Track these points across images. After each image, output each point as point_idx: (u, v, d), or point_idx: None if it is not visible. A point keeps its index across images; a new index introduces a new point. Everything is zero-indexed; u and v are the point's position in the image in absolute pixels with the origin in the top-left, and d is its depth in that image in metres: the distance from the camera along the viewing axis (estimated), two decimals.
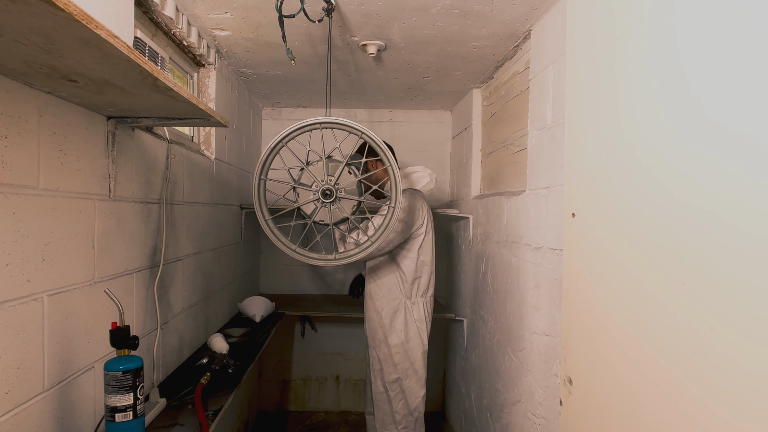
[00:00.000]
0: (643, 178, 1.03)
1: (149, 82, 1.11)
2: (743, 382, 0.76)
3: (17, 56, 0.95)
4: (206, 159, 2.44)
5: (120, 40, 0.90)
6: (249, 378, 3.37)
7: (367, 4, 1.85)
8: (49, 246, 1.23)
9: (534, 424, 1.91)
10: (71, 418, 1.34)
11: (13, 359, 1.11)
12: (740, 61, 0.78)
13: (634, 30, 1.08)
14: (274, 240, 1.95)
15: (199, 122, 1.57)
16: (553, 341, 1.76)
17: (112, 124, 1.48)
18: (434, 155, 3.85)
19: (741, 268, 0.77)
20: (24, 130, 1.12)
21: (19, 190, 1.11)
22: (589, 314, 1.25)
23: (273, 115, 3.80)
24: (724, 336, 0.80)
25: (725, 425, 0.80)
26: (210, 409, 1.68)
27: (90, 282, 1.41)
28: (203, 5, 1.90)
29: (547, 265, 1.83)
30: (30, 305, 1.16)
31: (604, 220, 1.19)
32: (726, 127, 0.80)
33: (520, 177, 2.24)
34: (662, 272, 0.95)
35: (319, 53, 2.42)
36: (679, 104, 0.92)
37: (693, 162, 0.88)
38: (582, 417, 1.29)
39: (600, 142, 1.22)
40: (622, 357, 1.09)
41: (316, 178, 1.92)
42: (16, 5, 0.71)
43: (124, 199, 1.59)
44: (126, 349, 1.31)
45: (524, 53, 2.22)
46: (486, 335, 2.66)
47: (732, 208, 0.78)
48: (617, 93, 1.14)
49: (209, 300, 2.54)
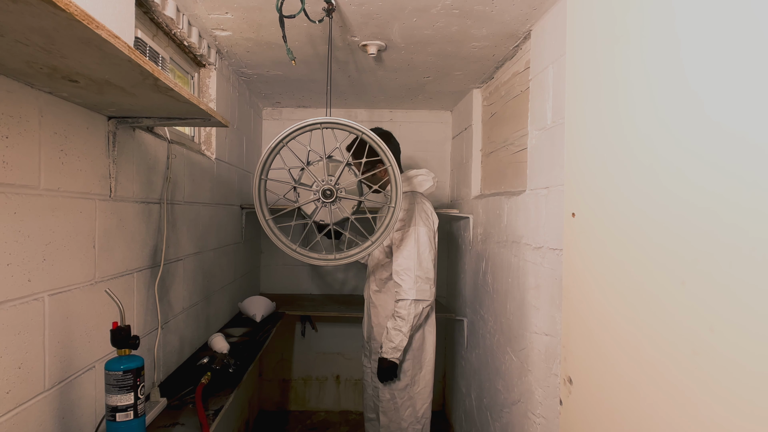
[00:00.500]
0: (643, 177, 1.03)
1: (150, 83, 1.11)
2: (744, 381, 0.76)
3: (18, 56, 0.95)
4: (207, 159, 2.45)
5: (121, 40, 0.90)
6: (249, 378, 3.37)
7: (367, 4, 1.86)
8: (50, 246, 1.23)
9: (534, 424, 1.91)
10: (72, 418, 1.35)
11: (14, 359, 1.12)
12: (740, 60, 0.78)
13: (634, 30, 1.08)
14: (274, 240, 1.96)
15: (200, 122, 1.57)
16: (553, 341, 1.76)
17: (112, 124, 1.48)
18: (434, 155, 3.86)
19: (741, 268, 0.77)
20: (25, 130, 1.13)
21: (20, 190, 1.12)
22: (590, 314, 1.26)
23: (273, 115, 3.80)
24: (725, 335, 0.80)
25: (726, 424, 0.80)
26: (210, 408, 1.69)
27: (91, 282, 1.41)
28: (204, 6, 1.90)
29: (547, 265, 1.83)
30: (31, 305, 1.17)
31: (604, 219, 1.19)
32: (726, 127, 0.80)
33: (520, 177, 2.24)
34: (662, 272, 0.96)
35: (320, 53, 2.42)
36: (679, 104, 0.92)
37: (693, 162, 0.88)
38: (582, 416, 1.29)
39: (600, 141, 1.22)
40: (623, 356, 1.09)
41: (316, 178, 1.92)
42: (17, 5, 0.71)
43: (124, 199, 1.59)
44: (127, 348, 1.31)
45: (524, 53, 2.22)
46: (486, 335, 2.67)
47: (732, 207, 0.79)
48: (617, 93, 1.14)
49: (210, 300, 2.55)
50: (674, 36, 0.94)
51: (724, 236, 0.80)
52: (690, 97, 0.89)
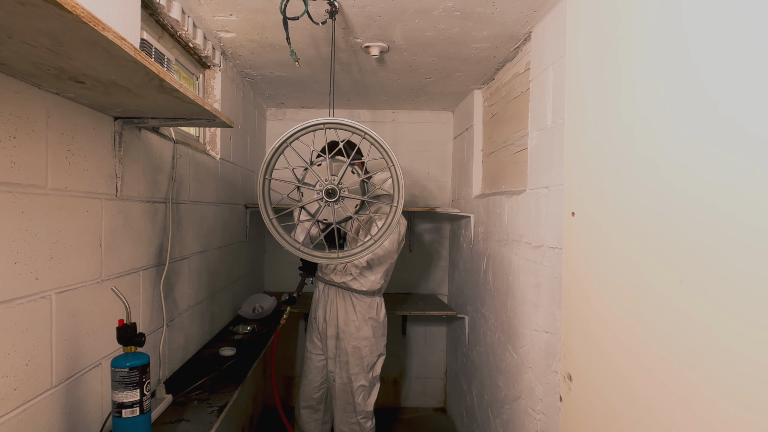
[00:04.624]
0: (642, 177, 1.04)
1: (155, 84, 1.13)
2: (745, 374, 0.77)
3: (26, 58, 0.96)
4: (212, 159, 2.47)
5: (127, 41, 0.91)
6: (254, 374, 3.39)
7: (369, 6, 1.87)
8: (57, 245, 1.25)
9: (534, 420, 1.92)
10: (79, 414, 1.37)
11: (22, 356, 1.13)
12: (741, 55, 0.80)
13: (638, 28, 1.09)
14: (278, 238, 1.97)
15: (205, 123, 1.59)
16: (553, 338, 1.77)
17: (119, 124, 1.50)
18: (436, 155, 3.87)
19: (740, 263, 0.78)
20: (32, 130, 1.14)
21: (27, 190, 1.13)
22: (590, 311, 1.27)
23: (277, 115, 3.82)
24: (724, 330, 0.81)
25: (726, 417, 0.81)
26: (215, 404, 1.71)
27: (97, 280, 1.43)
28: (208, 7, 1.92)
29: (547, 264, 1.84)
30: (38, 303, 1.18)
31: (603, 218, 1.20)
32: (735, 121, 0.80)
33: (520, 176, 2.25)
34: (663, 267, 0.97)
35: (323, 55, 2.44)
36: (678, 104, 0.94)
37: (693, 160, 0.89)
38: (582, 413, 1.31)
39: (599, 142, 1.23)
40: (623, 352, 1.10)
41: (320, 178, 1.94)
42: (25, 8, 0.73)
43: (130, 198, 1.61)
44: (133, 346, 1.32)
45: (525, 55, 2.23)
46: (487, 332, 2.68)
47: (733, 203, 0.80)
48: (616, 93, 1.16)
49: (214, 298, 2.57)
50: (672, 38, 0.95)
51: (724, 229, 0.81)
52: (688, 97, 0.90)
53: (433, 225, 3.94)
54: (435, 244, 3.95)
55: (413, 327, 3.96)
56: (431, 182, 3.89)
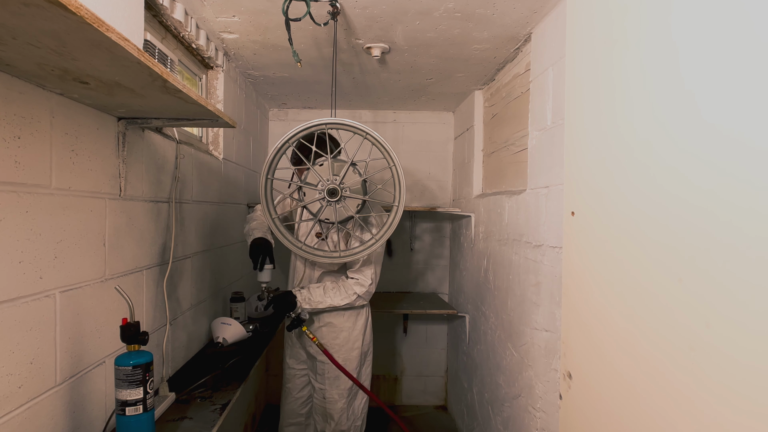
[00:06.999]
0: (641, 177, 1.05)
1: (159, 84, 1.13)
2: (739, 377, 0.78)
3: (30, 58, 0.96)
4: (214, 159, 2.48)
5: (130, 42, 0.92)
6: (256, 373, 3.40)
7: (371, 7, 1.88)
8: (61, 244, 1.26)
9: (534, 418, 1.93)
10: (83, 412, 1.38)
11: (26, 354, 1.14)
12: (736, 63, 0.81)
13: (632, 34, 1.10)
14: (280, 237, 1.99)
15: (208, 123, 1.59)
16: (553, 337, 1.78)
17: (122, 124, 1.51)
18: (437, 155, 3.88)
19: (736, 266, 0.79)
20: (36, 130, 1.15)
21: (32, 189, 1.14)
22: (588, 310, 1.28)
23: (279, 115, 3.83)
24: (720, 331, 0.82)
25: (720, 418, 0.82)
26: (218, 402, 1.72)
27: (101, 279, 1.45)
28: (211, 9, 1.93)
29: (547, 263, 1.85)
30: (42, 302, 1.19)
31: (602, 218, 1.21)
32: (722, 129, 0.82)
33: (520, 176, 2.26)
34: (659, 269, 0.97)
35: (325, 56, 2.45)
36: (677, 105, 0.94)
37: (689, 162, 0.90)
38: (581, 411, 1.31)
39: (599, 142, 1.24)
40: (620, 352, 1.11)
41: (321, 178, 1.95)
42: (29, 9, 0.73)
43: (134, 198, 1.62)
44: (136, 344, 1.33)
45: (525, 56, 2.24)
46: (488, 331, 2.69)
47: (727, 207, 0.81)
48: (616, 94, 1.16)
49: (217, 296, 2.58)
50: (670, 39, 0.96)
51: (720, 234, 0.82)
52: (687, 98, 0.91)
53: (434, 224, 3.95)
54: (436, 244, 3.96)
55: (414, 325, 3.97)
56: (432, 182, 3.90)
